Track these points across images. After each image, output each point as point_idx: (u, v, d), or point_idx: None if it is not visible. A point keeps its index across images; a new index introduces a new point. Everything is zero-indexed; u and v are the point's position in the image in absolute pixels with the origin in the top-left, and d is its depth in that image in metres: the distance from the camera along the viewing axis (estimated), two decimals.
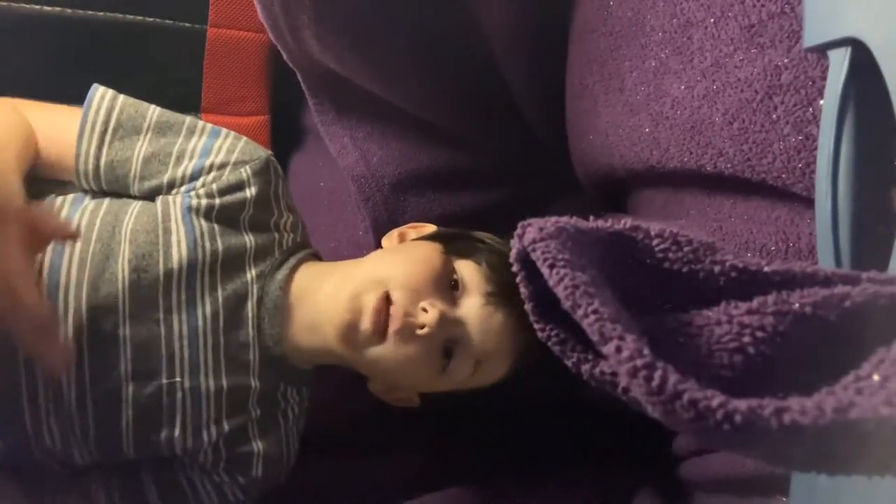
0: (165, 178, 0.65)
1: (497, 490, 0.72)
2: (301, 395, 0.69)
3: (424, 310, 0.60)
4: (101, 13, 0.81)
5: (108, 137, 0.65)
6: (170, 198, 0.64)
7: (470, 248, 0.67)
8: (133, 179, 0.65)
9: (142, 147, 0.65)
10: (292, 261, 0.67)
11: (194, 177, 0.65)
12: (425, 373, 0.63)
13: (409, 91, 0.76)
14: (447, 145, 0.81)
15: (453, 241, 0.68)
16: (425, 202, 0.82)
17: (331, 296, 0.63)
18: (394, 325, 0.59)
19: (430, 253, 0.66)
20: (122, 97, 0.66)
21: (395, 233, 0.74)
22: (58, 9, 0.79)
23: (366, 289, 0.61)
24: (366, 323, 0.60)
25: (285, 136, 0.95)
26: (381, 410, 0.75)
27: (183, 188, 0.65)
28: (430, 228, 0.74)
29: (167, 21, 0.84)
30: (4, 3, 0.77)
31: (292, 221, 0.70)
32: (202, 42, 0.86)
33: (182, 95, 0.87)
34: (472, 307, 0.63)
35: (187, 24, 0.85)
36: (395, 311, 0.60)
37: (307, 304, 0.65)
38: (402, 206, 0.81)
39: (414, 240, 0.71)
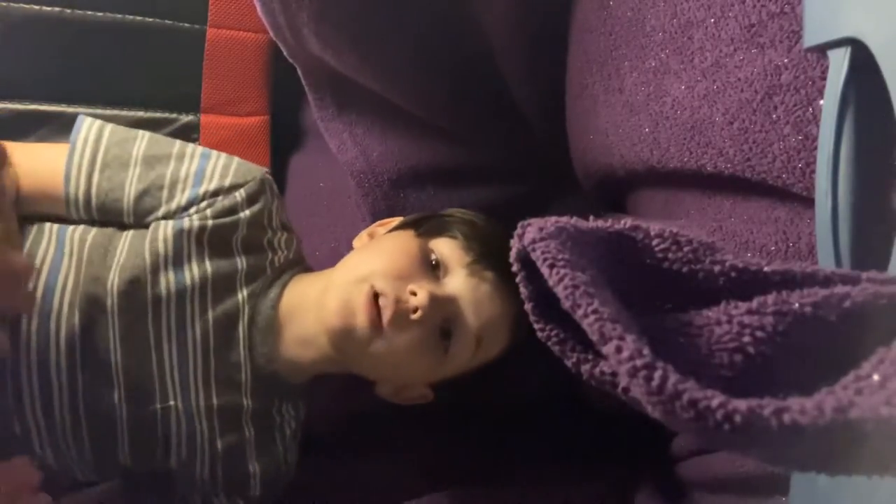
0: (160, 213, 0.64)
1: (496, 490, 0.72)
2: (297, 409, 0.69)
3: (413, 293, 0.59)
4: (101, 13, 0.81)
5: (95, 178, 0.63)
6: (162, 222, 0.63)
7: (440, 225, 0.67)
8: (126, 215, 0.64)
9: (132, 185, 0.64)
10: (284, 277, 0.67)
11: (188, 206, 0.63)
12: (428, 359, 0.62)
13: (408, 89, 0.76)
14: (447, 142, 0.81)
15: (423, 224, 0.68)
16: (424, 198, 0.82)
17: (317, 306, 0.62)
18: (387, 315, 0.58)
19: (404, 240, 0.65)
20: (107, 131, 0.65)
21: (363, 234, 0.74)
22: (58, 9, 0.79)
23: (351, 289, 0.60)
24: (361, 320, 0.59)
25: (285, 136, 0.95)
26: (381, 413, 0.75)
27: (176, 216, 0.64)
28: (397, 221, 0.73)
29: (167, 21, 0.84)
30: (4, 4, 0.77)
31: (286, 238, 0.69)
32: (202, 42, 0.86)
33: (182, 95, 0.87)
34: (459, 281, 0.62)
35: (187, 24, 0.85)
36: (385, 300, 0.59)
37: (297, 319, 0.64)
38: (401, 203, 0.81)
39: (390, 231, 0.71)
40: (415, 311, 0.59)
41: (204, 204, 0.63)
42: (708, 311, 0.31)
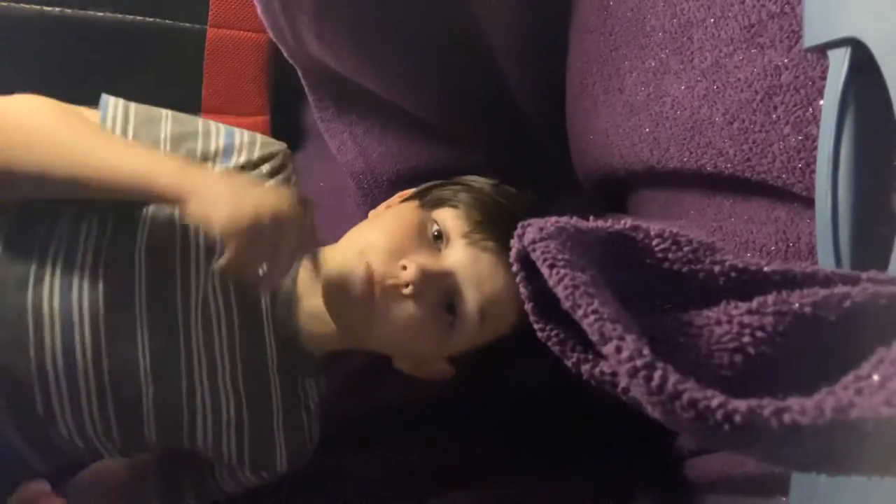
0: None
1: (495, 490, 0.72)
2: (319, 385, 0.69)
3: (405, 268, 0.58)
4: (101, 13, 0.81)
5: None
6: None
7: (446, 194, 0.65)
8: None
9: None
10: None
11: None
12: (432, 334, 0.60)
13: (408, 90, 0.76)
14: (446, 143, 0.81)
15: (429, 194, 0.66)
16: None
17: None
18: (377, 291, 0.58)
19: (406, 212, 0.64)
20: (132, 111, 0.65)
21: (382, 205, 0.72)
22: (58, 9, 0.79)
23: (348, 264, 0.59)
24: (355, 295, 0.58)
25: (285, 136, 0.94)
26: (385, 413, 0.75)
27: None
28: (413, 191, 0.72)
29: (167, 21, 0.84)
30: (4, 4, 0.77)
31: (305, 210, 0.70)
32: (202, 42, 0.86)
33: (182, 95, 0.87)
34: (457, 254, 0.60)
35: (187, 24, 0.85)
36: (376, 276, 0.58)
37: (312, 294, 0.64)
38: None
39: (399, 203, 0.69)
40: (406, 286, 0.57)
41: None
42: (708, 311, 0.31)
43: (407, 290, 0.57)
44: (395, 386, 0.77)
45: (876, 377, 0.26)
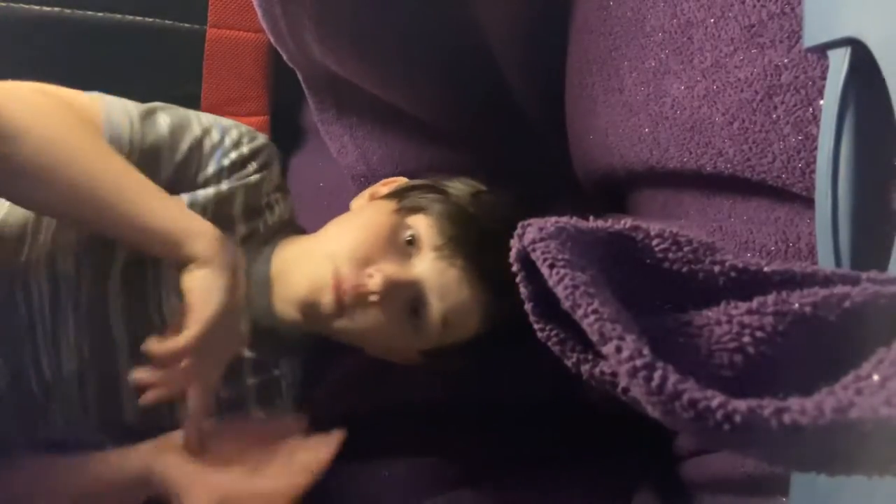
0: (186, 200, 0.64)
1: (495, 490, 0.72)
2: (294, 368, 0.70)
3: (372, 276, 0.59)
4: (101, 13, 0.81)
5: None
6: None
7: (426, 200, 0.65)
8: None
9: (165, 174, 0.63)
10: (278, 237, 0.68)
11: (213, 178, 0.65)
12: (397, 335, 0.62)
13: (409, 91, 0.76)
14: (447, 144, 0.81)
15: (407, 197, 0.67)
16: None
17: (296, 273, 0.63)
18: (345, 299, 0.59)
19: (379, 215, 0.65)
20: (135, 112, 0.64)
21: (365, 193, 0.73)
22: (58, 9, 0.79)
23: (320, 266, 0.61)
24: (327, 299, 0.60)
25: (285, 136, 0.95)
26: (387, 414, 0.75)
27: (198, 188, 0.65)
28: (397, 182, 0.72)
29: (167, 21, 0.84)
30: (4, 4, 0.77)
31: (282, 196, 0.71)
32: (202, 42, 0.87)
33: (182, 95, 0.87)
34: (424, 264, 0.61)
35: (187, 25, 0.86)
36: (345, 284, 0.59)
37: (285, 279, 0.65)
38: None
39: (380, 198, 0.70)
40: (372, 294, 0.59)
41: (223, 174, 0.65)
42: (708, 311, 0.31)
43: (373, 298, 0.59)
44: (394, 387, 0.77)
45: (876, 377, 0.26)
